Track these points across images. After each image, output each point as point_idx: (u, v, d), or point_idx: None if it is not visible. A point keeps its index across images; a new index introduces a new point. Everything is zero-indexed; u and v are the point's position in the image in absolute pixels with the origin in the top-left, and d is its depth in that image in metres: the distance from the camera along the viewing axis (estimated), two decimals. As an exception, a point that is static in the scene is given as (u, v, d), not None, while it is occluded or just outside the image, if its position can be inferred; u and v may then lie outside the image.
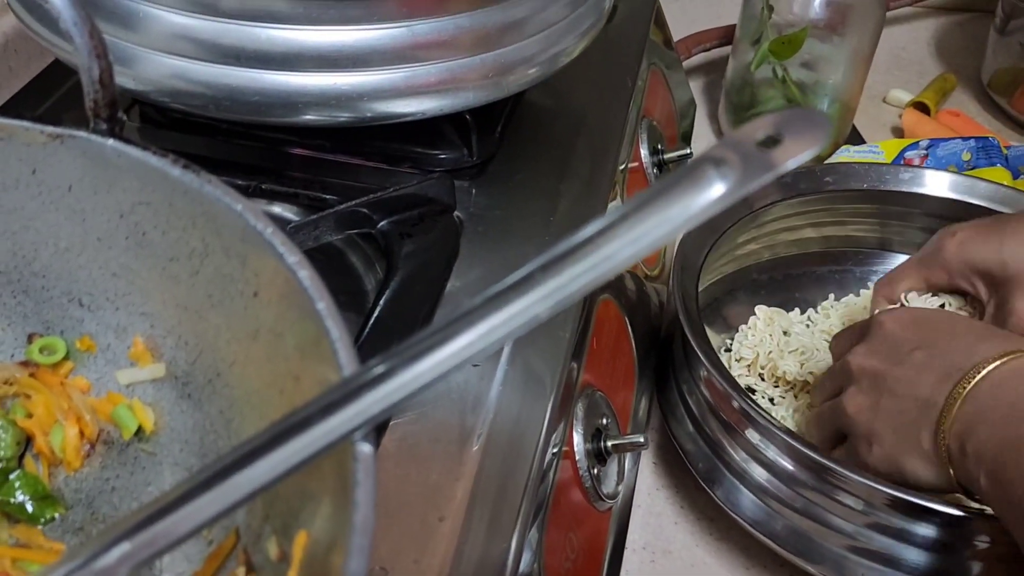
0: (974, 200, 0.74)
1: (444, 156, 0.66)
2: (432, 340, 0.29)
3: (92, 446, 0.42)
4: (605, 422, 0.57)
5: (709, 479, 0.63)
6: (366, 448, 0.28)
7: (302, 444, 0.28)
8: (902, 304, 0.65)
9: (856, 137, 1.02)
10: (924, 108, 1.04)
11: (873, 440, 0.56)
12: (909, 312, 0.58)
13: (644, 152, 0.76)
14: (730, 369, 0.73)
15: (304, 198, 0.62)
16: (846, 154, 0.94)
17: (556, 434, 0.53)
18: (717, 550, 0.65)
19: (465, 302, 0.29)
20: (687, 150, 0.79)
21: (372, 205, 0.59)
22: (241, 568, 0.36)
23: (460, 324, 0.29)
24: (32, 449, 0.42)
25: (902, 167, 0.77)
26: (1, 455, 0.40)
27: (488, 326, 0.29)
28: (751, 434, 0.60)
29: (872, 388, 0.56)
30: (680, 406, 0.67)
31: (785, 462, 0.59)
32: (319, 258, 0.59)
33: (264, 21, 0.54)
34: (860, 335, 0.59)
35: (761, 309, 0.76)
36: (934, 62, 1.19)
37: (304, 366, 0.34)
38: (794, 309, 0.77)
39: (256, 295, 0.36)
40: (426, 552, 0.44)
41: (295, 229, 0.57)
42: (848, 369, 0.58)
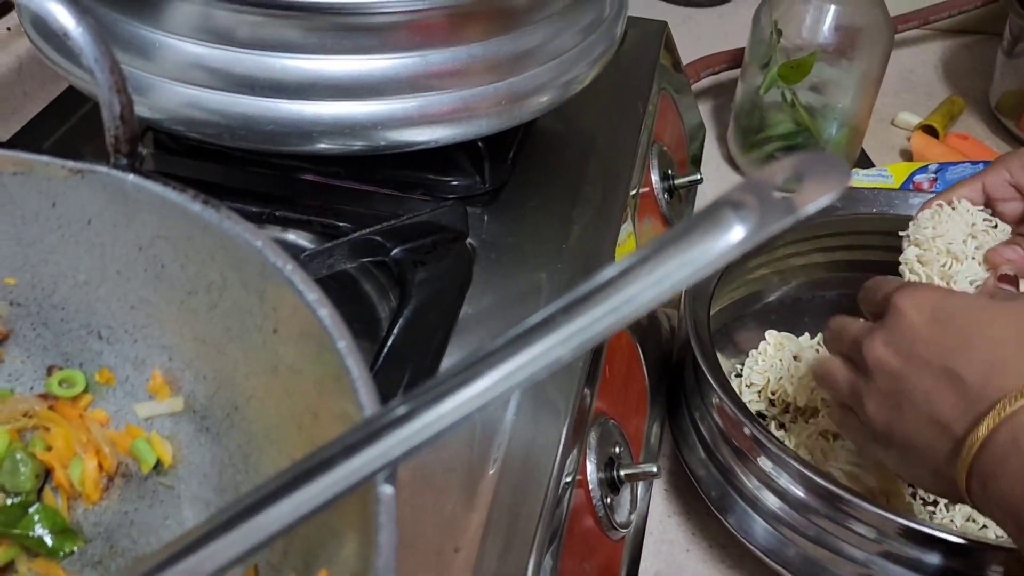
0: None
1: (456, 183, 0.66)
2: (454, 382, 0.29)
3: (111, 479, 0.42)
4: (618, 450, 0.57)
5: (721, 506, 0.63)
6: (388, 490, 0.29)
7: (325, 485, 0.28)
8: (951, 205, 0.64)
9: (865, 160, 1.02)
10: (932, 131, 1.05)
11: (890, 444, 0.54)
12: (928, 301, 0.54)
13: (655, 177, 0.76)
14: (741, 395, 0.73)
15: (317, 225, 0.62)
16: (856, 177, 0.95)
17: (569, 463, 0.53)
18: (729, 577, 0.65)
19: (486, 344, 0.30)
20: (697, 175, 0.80)
21: (385, 233, 0.59)
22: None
23: (481, 366, 0.29)
24: (51, 482, 0.42)
25: (911, 192, 0.77)
26: (21, 488, 0.40)
27: (509, 368, 0.29)
28: (763, 462, 0.60)
29: (890, 391, 0.53)
30: (692, 433, 0.67)
31: (797, 490, 0.59)
32: (332, 286, 0.59)
33: (278, 51, 0.55)
34: (880, 321, 0.56)
35: (771, 334, 0.76)
36: (942, 84, 1.19)
37: (323, 402, 0.34)
38: (804, 334, 0.78)
39: (275, 331, 0.36)
40: (442, 583, 0.44)
41: (309, 258, 0.57)
42: (864, 357, 0.55)
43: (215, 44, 0.55)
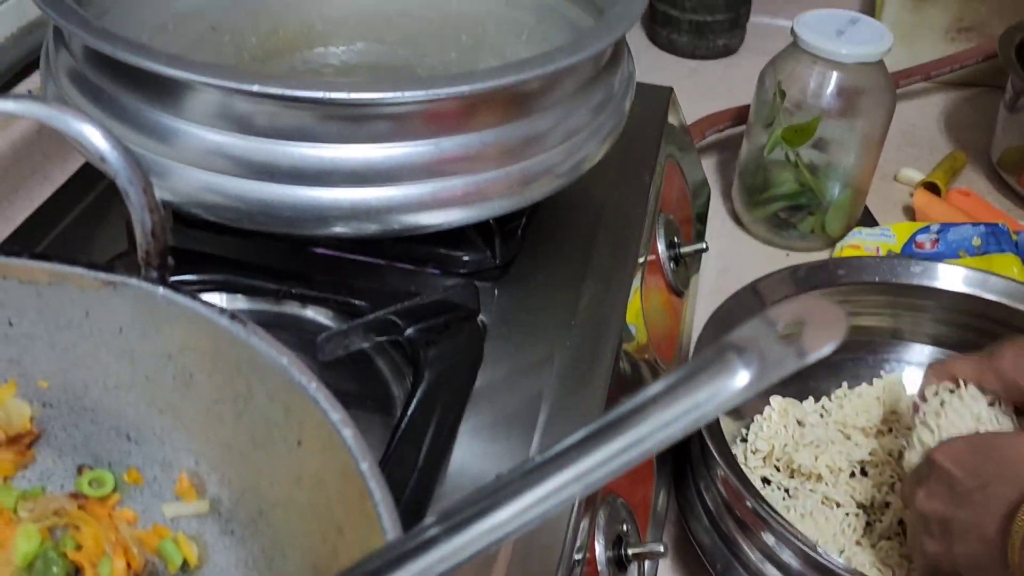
0: (986, 295, 0.76)
1: (468, 258, 0.67)
2: (471, 511, 0.31)
3: (138, 577, 0.43)
4: (625, 528, 0.59)
5: (726, 578, 0.64)
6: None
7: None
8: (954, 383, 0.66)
9: (868, 218, 1.03)
10: (935, 188, 1.06)
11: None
12: (958, 445, 0.60)
13: (661, 246, 0.77)
14: (746, 461, 0.75)
15: (333, 303, 0.64)
16: (859, 236, 0.96)
17: (579, 540, 0.54)
18: (734, 646, 0.66)
19: (502, 475, 0.31)
20: (703, 244, 0.81)
21: (400, 313, 0.61)
22: None
23: (500, 496, 0.31)
24: (81, 581, 0.43)
25: (914, 260, 0.79)
26: (53, 588, 0.42)
27: (525, 503, 0.30)
28: (766, 536, 0.62)
29: (942, 534, 0.59)
30: (697, 503, 0.68)
31: (799, 565, 0.60)
32: (347, 362, 0.61)
33: (296, 139, 0.56)
34: (919, 478, 0.62)
35: (776, 399, 0.77)
36: (944, 138, 1.20)
37: (348, 519, 0.36)
38: (808, 398, 0.79)
39: (300, 443, 0.38)
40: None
41: (326, 339, 0.58)
42: (917, 515, 0.62)
43: (235, 132, 0.56)
